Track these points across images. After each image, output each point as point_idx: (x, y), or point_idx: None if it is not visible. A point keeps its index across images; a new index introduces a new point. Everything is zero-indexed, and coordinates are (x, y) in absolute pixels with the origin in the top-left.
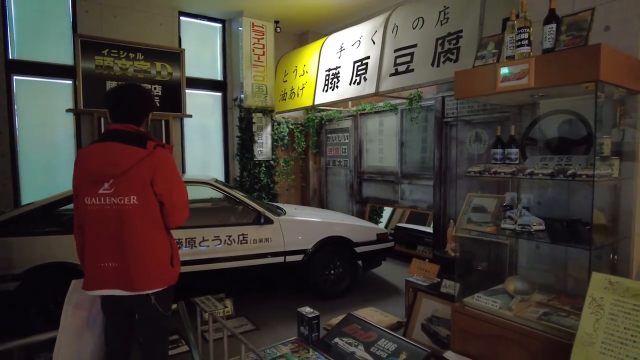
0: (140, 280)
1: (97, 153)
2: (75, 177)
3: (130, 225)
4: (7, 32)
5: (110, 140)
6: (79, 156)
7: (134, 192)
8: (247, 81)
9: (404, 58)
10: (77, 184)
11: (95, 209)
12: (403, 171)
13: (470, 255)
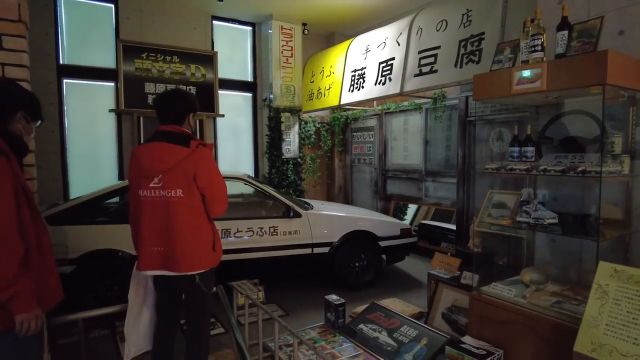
0: (185, 262)
1: (148, 152)
2: (131, 172)
3: (176, 215)
4: (58, 40)
5: (159, 141)
6: (134, 154)
7: (180, 185)
8: (276, 82)
9: (428, 59)
10: (132, 178)
11: (147, 200)
12: (427, 169)
13: (489, 248)
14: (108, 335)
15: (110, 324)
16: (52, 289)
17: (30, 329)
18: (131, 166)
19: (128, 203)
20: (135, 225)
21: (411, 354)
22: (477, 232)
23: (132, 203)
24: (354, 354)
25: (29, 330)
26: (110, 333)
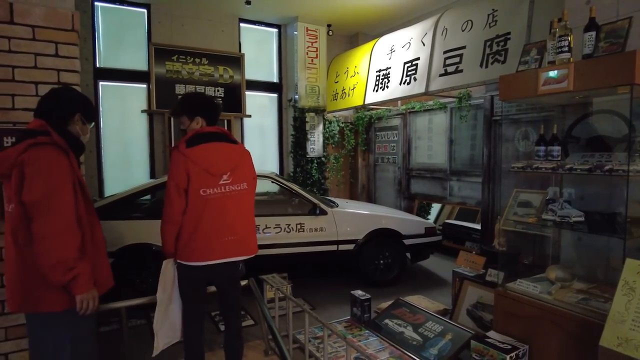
0: (252, 246)
1: (214, 152)
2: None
3: (244, 206)
4: (95, 44)
5: (217, 141)
6: (191, 156)
7: (244, 179)
8: (301, 82)
9: (453, 59)
10: (193, 180)
11: (216, 196)
12: (452, 168)
13: (514, 247)
14: (144, 325)
15: (146, 314)
16: (104, 276)
17: (89, 308)
18: (190, 168)
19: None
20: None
21: (436, 348)
22: (502, 231)
23: (191, 203)
24: (380, 347)
25: (87, 309)
26: (147, 323)
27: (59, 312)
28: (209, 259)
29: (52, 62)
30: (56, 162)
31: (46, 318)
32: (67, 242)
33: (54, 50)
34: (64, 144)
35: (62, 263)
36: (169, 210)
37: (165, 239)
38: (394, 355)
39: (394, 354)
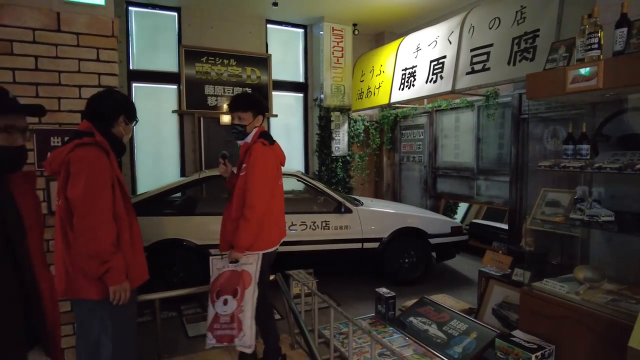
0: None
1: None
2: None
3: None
4: (129, 47)
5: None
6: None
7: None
8: (327, 82)
9: (480, 57)
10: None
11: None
12: (479, 167)
13: (542, 247)
14: (175, 317)
15: (177, 307)
16: (140, 269)
17: (121, 299)
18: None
19: (191, 197)
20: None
21: (461, 347)
22: (529, 231)
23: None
24: (404, 344)
25: (120, 299)
26: (178, 315)
27: (98, 299)
28: (277, 243)
29: (94, 67)
30: (97, 162)
31: (88, 304)
32: (102, 237)
33: (95, 55)
34: (106, 145)
35: (97, 256)
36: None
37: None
38: (418, 353)
39: (418, 351)
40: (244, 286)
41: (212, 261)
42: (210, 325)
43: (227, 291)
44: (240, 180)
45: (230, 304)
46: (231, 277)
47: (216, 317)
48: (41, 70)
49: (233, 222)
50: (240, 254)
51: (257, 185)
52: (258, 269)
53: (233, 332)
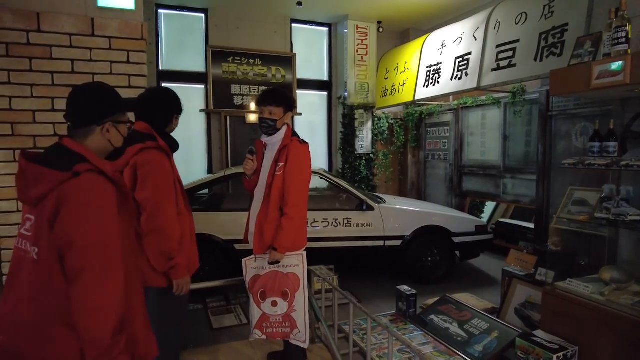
0: None
1: None
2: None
3: None
4: (159, 48)
5: None
6: (309, 153)
7: None
8: (351, 80)
9: (506, 53)
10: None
11: None
12: (506, 165)
13: (568, 247)
14: (201, 310)
15: (202, 300)
16: (194, 259)
17: (182, 291)
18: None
19: (218, 194)
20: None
21: (481, 345)
22: (555, 230)
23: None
24: (424, 341)
25: (182, 291)
26: (203, 308)
27: (164, 287)
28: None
29: (125, 68)
30: (162, 165)
31: (155, 291)
32: (169, 236)
33: (126, 58)
34: (167, 148)
35: (164, 254)
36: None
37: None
38: (438, 350)
39: (438, 349)
40: (294, 289)
41: (245, 263)
42: (257, 324)
43: (274, 293)
44: (277, 180)
45: (281, 305)
46: (275, 279)
47: (264, 317)
48: (77, 73)
49: (271, 224)
50: (282, 255)
51: (300, 184)
52: (305, 270)
53: (286, 330)
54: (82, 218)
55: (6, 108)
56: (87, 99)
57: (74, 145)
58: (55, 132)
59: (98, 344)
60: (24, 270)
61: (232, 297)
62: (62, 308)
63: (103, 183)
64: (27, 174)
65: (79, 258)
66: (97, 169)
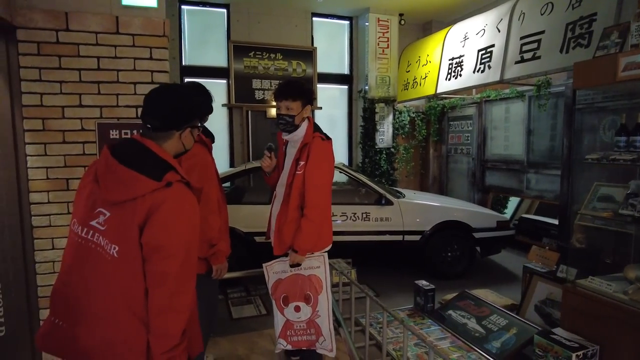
0: None
1: None
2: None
3: None
4: (182, 44)
5: None
6: (332, 150)
7: None
8: (372, 73)
9: (531, 45)
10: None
11: None
12: (530, 160)
13: (592, 244)
14: (221, 300)
15: (223, 290)
16: (228, 244)
17: (220, 275)
18: (334, 159)
19: (239, 187)
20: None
21: (499, 342)
22: (579, 226)
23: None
24: (441, 336)
25: (219, 275)
26: (224, 298)
27: (202, 273)
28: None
29: (147, 65)
30: (204, 158)
31: None
32: (211, 225)
33: (149, 54)
34: (208, 142)
35: (207, 240)
36: (327, 201)
37: (315, 234)
38: (455, 345)
39: (455, 344)
40: (316, 291)
41: (266, 268)
42: (281, 332)
43: (296, 297)
44: (297, 179)
45: (304, 310)
46: (297, 282)
47: (288, 324)
48: (102, 70)
49: (290, 224)
50: (303, 257)
51: (321, 183)
52: (328, 271)
53: (312, 337)
54: (172, 226)
55: (37, 104)
56: (171, 105)
57: (159, 150)
58: (82, 127)
59: (169, 343)
60: (99, 263)
61: (252, 289)
62: (136, 304)
63: (189, 194)
64: (118, 174)
65: (166, 264)
66: (184, 180)
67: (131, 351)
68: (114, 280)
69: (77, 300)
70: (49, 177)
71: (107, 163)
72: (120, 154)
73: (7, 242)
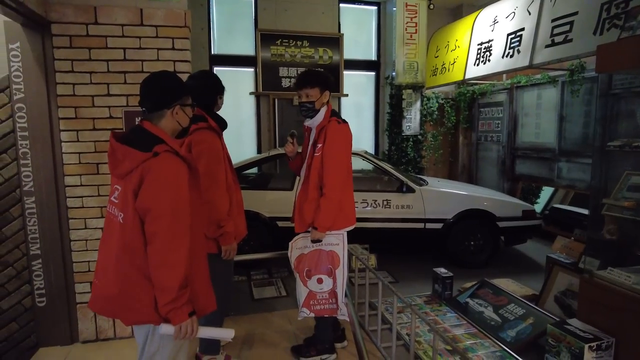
0: None
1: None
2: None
3: None
4: (210, 33)
5: None
6: (348, 133)
7: None
8: (399, 59)
9: (563, 28)
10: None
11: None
12: (561, 147)
13: (624, 235)
14: (245, 281)
15: (247, 272)
16: (241, 229)
17: (229, 256)
18: (350, 142)
19: (264, 173)
20: (351, 190)
21: (514, 331)
22: (611, 217)
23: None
24: (456, 323)
25: (229, 256)
26: (247, 279)
27: (215, 253)
28: (355, 221)
29: (170, 55)
30: (213, 144)
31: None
32: (219, 207)
33: (171, 45)
34: (217, 128)
35: (215, 222)
36: (341, 182)
37: (333, 213)
38: (470, 333)
39: (469, 331)
40: (334, 266)
41: (290, 245)
42: (305, 302)
43: (319, 271)
44: (315, 161)
45: (327, 282)
46: (319, 257)
47: (311, 294)
48: (128, 60)
49: (310, 203)
50: (322, 234)
51: (337, 164)
52: (345, 249)
53: (333, 306)
54: (158, 190)
55: (70, 94)
56: (157, 88)
57: (152, 128)
58: (111, 114)
59: (167, 294)
60: (114, 230)
61: (274, 271)
62: (141, 262)
63: (177, 162)
64: (117, 152)
65: (154, 223)
66: (172, 149)
67: (140, 302)
68: (121, 242)
69: (103, 262)
70: (81, 161)
71: (112, 146)
72: (121, 137)
73: (46, 221)
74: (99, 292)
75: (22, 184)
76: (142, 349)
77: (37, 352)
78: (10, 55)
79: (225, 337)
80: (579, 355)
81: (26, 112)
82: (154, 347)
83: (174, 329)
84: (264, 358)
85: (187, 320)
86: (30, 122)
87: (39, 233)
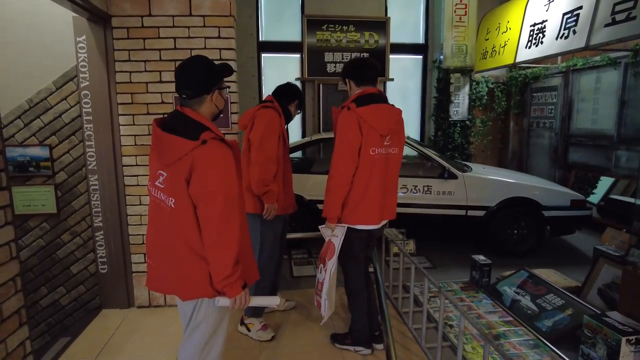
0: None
1: (382, 112)
2: (364, 131)
3: (396, 170)
4: (258, 20)
5: (383, 102)
6: (363, 115)
7: (399, 143)
8: (447, 42)
9: (626, 4)
10: (365, 137)
11: (381, 158)
12: (621, 134)
13: None
14: (285, 259)
15: (288, 250)
16: (289, 200)
17: (270, 215)
18: (363, 126)
19: (307, 158)
20: (364, 183)
21: (551, 321)
22: None
23: (362, 163)
24: (492, 310)
25: (270, 215)
26: (288, 257)
27: (259, 213)
28: (373, 223)
29: (216, 43)
30: (271, 118)
31: (251, 216)
32: (267, 169)
33: (217, 34)
34: (279, 109)
35: (262, 180)
36: (341, 171)
37: (333, 203)
38: (504, 320)
39: (503, 319)
40: (328, 257)
41: (322, 230)
42: (315, 289)
43: (322, 259)
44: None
45: (322, 271)
46: (327, 246)
47: (317, 282)
48: (178, 49)
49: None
50: (331, 225)
51: (337, 154)
52: (340, 243)
53: (319, 297)
54: (211, 177)
55: (127, 81)
56: (195, 74)
57: (194, 115)
58: (162, 100)
59: (223, 272)
60: (164, 214)
61: (314, 251)
62: (195, 244)
63: (224, 148)
64: (164, 141)
65: (209, 208)
66: (218, 136)
67: (195, 279)
68: (174, 226)
69: (155, 243)
70: (137, 143)
71: (156, 134)
72: (165, 125)
73: (107, 197)
74: (156, 272)
75: (87, 163)
76: (190, 318)
77: (100, 313)
78: (78, 47)
79: (272, 304)
80: (616, 347)
81: (90, 98)
82: (200, 317)
83: (230, 301)
84: (298, 330)
85: (241, 293)
86: (94, 107)
87: (101, 207)
